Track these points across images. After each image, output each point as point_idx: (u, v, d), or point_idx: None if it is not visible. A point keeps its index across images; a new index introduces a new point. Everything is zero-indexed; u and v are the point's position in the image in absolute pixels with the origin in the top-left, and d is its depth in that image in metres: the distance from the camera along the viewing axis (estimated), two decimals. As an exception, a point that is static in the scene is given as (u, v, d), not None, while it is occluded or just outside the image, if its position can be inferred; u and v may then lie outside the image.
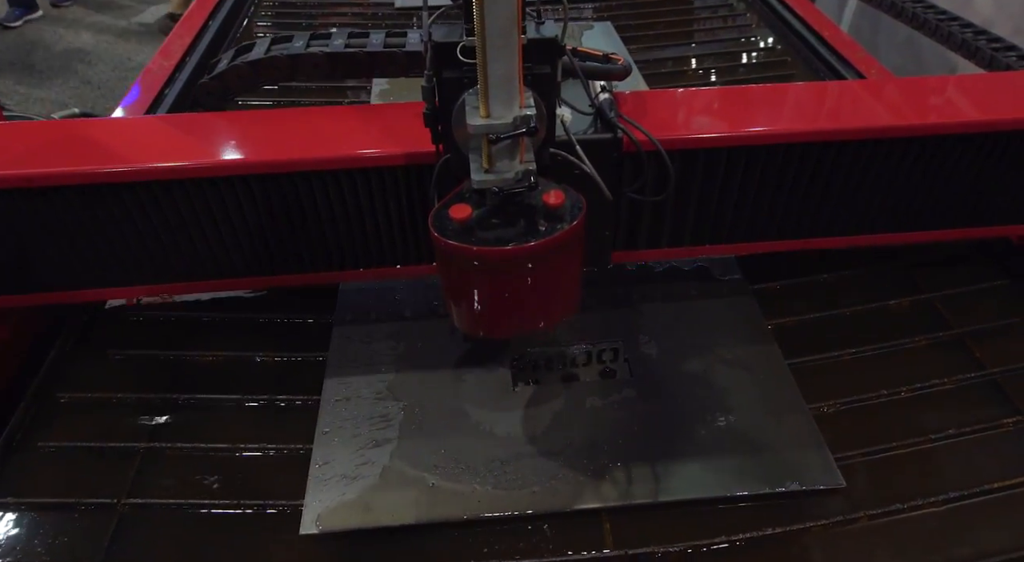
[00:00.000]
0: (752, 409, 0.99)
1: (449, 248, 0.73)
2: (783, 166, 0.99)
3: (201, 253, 0.99)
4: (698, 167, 0.97)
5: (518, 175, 0.72)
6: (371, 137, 0.95)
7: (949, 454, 0.96)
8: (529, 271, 0.75)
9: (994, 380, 1.04)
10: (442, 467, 0.92)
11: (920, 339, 1.10)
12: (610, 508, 0.89)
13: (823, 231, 1.09)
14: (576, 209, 0.75)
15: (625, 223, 1.04)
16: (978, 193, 1.07)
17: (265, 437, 0.96)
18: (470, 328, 0.86)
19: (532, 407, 0.99)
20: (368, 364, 1.04)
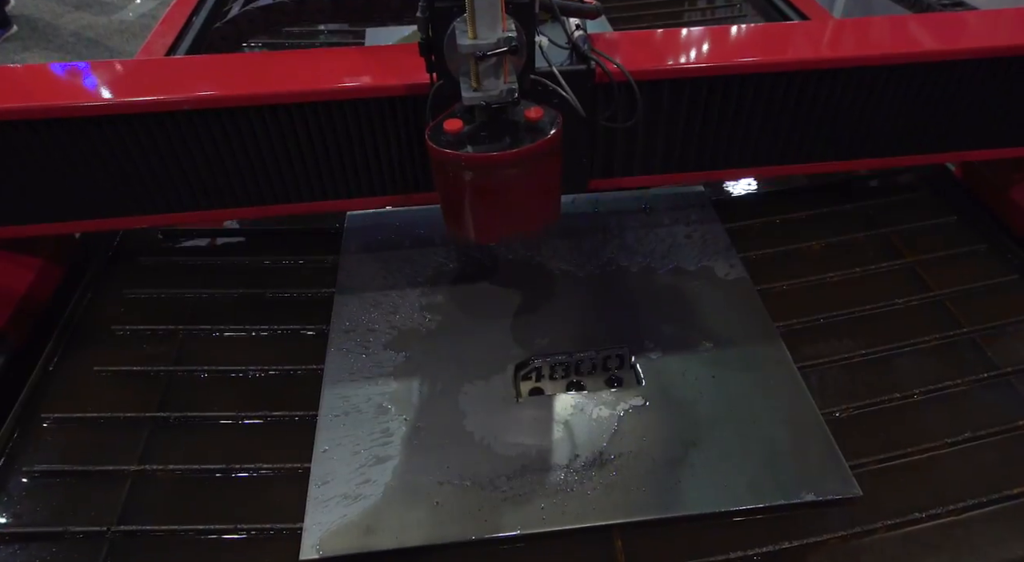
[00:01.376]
0: (764, 417, 0.96)
1: (444, 156, 0.83)
2: (740, 96, 1.07)
3: (218, 181, 1.06)
4: (664, 96, 1.05)
5: (503, 93, 0.82)
6: (374, 72, 1.01)
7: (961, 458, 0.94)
8: (514, 175, 0.85)
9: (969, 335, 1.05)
10: (447, 484, 0.88)
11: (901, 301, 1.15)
12: (621, 524, 0.86)
13: (782, 159, 1.16)
14: (554, 123, 0.85)
15: (601, 152, 1.11)
16: (912, 123, 1.14)
17: (261, 456, 0.93)
18: (463, 233, 0.95)
19: (537, 419, 0.96)
20: (367, 376, 1.00)
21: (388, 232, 1.24)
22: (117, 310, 1.12)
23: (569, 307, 1.11)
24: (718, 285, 1.15)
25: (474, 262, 1.19)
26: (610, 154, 1.11)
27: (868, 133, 1.15)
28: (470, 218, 0.92)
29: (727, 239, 1.23)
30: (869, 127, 1.14)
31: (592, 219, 1.28)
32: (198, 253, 1.23)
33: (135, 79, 1.03)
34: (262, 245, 1.24)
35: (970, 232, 1.27)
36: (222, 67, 1.06)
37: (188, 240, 1.25)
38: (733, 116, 1.09)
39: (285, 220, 1.30)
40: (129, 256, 1.22)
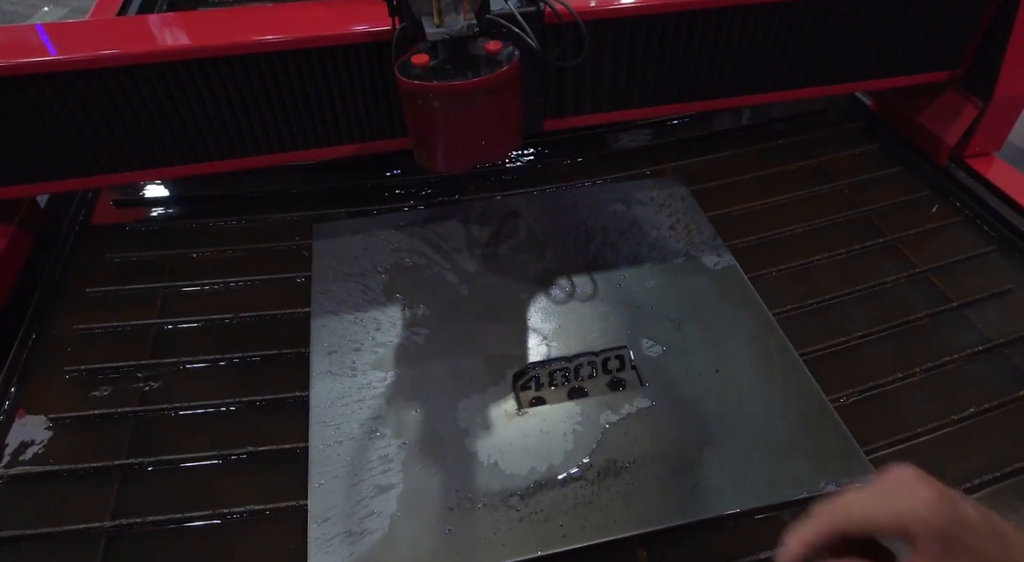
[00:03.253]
0: (774, 410, 0.94)
1: (414, 87, 0.91)
2: (674, 34, 1.16)
3: (190, 135, 1.10)
4: (608, 36, 1.14)
5: (464, 27, 0.91)
6: (337, 22, 1.07)
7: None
8: (479, 103, 0.93)
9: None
10: (457, 509, 0.84)
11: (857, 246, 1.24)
12: (644, 534, 0.83)
13: (716, 93, 1.27)
14: (512, 55, 0.94)
15: (552, 92, 1.19)
16: (827, 54, 1.27)
17: (252, 497, 0.86)
18: (432, 162, 1.02)
19: (543, 431, 0.92)
20: (357, 400, 0.94)
21: (359, 242, 1.18)
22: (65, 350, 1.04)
23: (560, 310, 1.07)
24: (709, 276, 1.13)
25: (455, 268, 1.14)
26: (561, 95, 1.20)
27: (789, 65, 1.26)
28: (440, 147, 1.00)
29: (712, 228, 1.22)
30: (789, 59, 1.25)
31: (571, 217, 1.25)
32: (154, 278, 1.15)
33: (97, 35, 1.05)
34: (227, 264, 1.17)
35: (889, 157, 1.43)
36: (186, 22, 1.10)
37: (142, 271, 1.16)
38: (670, 54, 1.19)
39: (250, 235, 1.23)
40: (78, 284, 1.14)
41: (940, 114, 1.37)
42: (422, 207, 1.29)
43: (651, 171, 1.40)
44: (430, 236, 1.20)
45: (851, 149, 1.47)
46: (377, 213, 1.27)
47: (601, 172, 1.39)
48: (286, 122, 1.11)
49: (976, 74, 1.30)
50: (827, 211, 1.30)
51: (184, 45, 1.02)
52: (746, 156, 1.45)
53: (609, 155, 1.47)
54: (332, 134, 1.15)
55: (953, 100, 1.35)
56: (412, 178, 1.37)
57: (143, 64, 1.00)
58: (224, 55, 1.02)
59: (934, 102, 1.38)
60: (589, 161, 1.44)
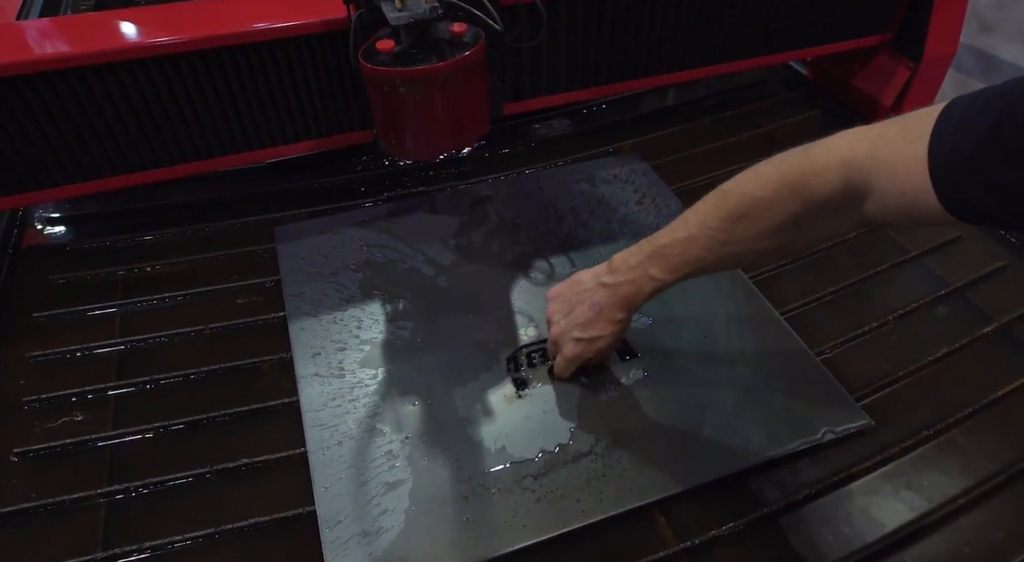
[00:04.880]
0: (765, 368, 0.97)
1: (381, 73, 0.91)
2: (625, 11, 1.21)
3: (133, 142, 1.07)
4: (561, 16, 1.17)
5: (427, 10, 0.90)
6: (285, 12, 1.06)
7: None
8: (448, 87, 0.94)
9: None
10: (472, 497, 0.83)
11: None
12: (660, 500, 0.84)
13: (668, 68, 1.33)
14: (477, 36, 0.95)
15: (510, 75, 1.22)
16: (767, 24, 1.34)
17: (254, 509, 0.83)
18: (400, 150, 1.04)
19: (545, 410, 0.92)
20: (350, 400, 0.92)
21: (325, 241, 1.16)
22: (18, 382, 0.98)
23: (543, 292, 1.07)
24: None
25: (429, 260, 1.13)
26: (519, 77, 1.23)
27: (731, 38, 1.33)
28: (408, 134, 1.01)
29: (678, 201, 1.25)
30: (731, 32, 1.32)
31: (539, 199, 1.26)
32: (108, 297, 1.09)
33: (12, 39, 1.02)
34: (188, 275, 1.13)
35: (831, 122, 1.51)
36: (119, 20, 1.06)
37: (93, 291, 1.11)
38: (622, 31, 1.23)
39: (208, 243, 1.20)
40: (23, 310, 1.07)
41: (875, 77, 1.45)
42: (385, 202, 1.27)
43: (611, 149, 1.43)
44: (398, 230, 1.19)
45: (796, 116, 1.53)
46: (339, 211, 1.25)
47: (561, 154, 1.41)
48: (238, 122, 1.09)
49: (905, 36, 1.39)
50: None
51: (121, 45, 0.99)
52: (698, 129, 1.50)
53: (568, 136, 1.49)
54: (288, 131, 1.13)
55: (886, 63, 1.43)
56: (372, 173, 1.36)
57: (76, 67, 0.96)
58: (166, 54, 0.99)
59: (868, 66, 1.46)
60: (549, 143, 1.47)
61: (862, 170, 0.65)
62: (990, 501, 0.86)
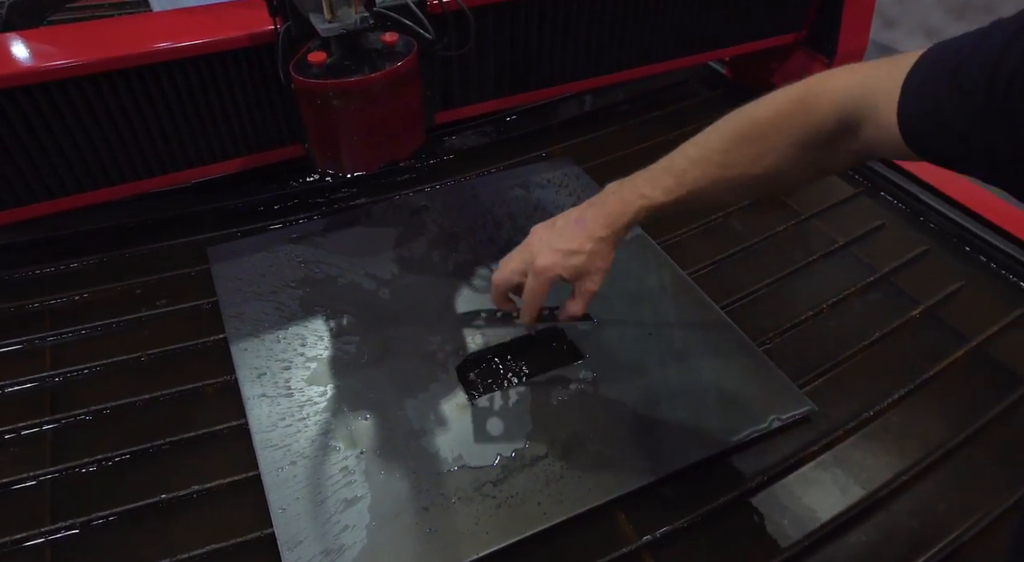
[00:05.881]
0: (710, 361, 1.01)
1: (313, 86, 0.92)
2: (553, 16, 1.25)
3: (53, 167, 1.06)
4: (488, 23, 1.20)
5: (358, 21, 0.91)
6: (207, 28, 1.05)
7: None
8: (383, 98, 0.95)
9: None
10: (433, 507, 0.84)
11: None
12: (619, 497, 0.86)
13: (596, 71, 1.38)
14: (409, 46, 0.97)
15: (439, 83, 1.24)
16: (691, 24, 1.40)
17: (210, 536, 0.82)
18: (335, 164, 1.04)
19: (499, 416, 0.94)
20: (300, 418, 0.92)
21: (261, 259, 1.16)
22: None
23: (485, 298, 1.09)
24: (621, 246, 1.18)
25: (369, 273, 1.14)
26: (448, 85, 1.26)
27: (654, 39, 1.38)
28: (344, 148, 1.01)
29: (611, 202, 1.27)
30: (654, 34, 1.37)
31: (475, 207, 1.28)
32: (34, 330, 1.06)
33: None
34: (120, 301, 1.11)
35: None
36: (41, 40, 1.05)
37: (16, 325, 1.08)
38: (550, 36, 1.27)
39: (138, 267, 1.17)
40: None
41: (792, 74, 1.50)
42: (319, 217, 1.27)
43: (543, 154, 1.46)
44: (336, 245, 1.19)
45: (718, 115, 1.54)
46: (273, 229, 1.25)
47: (494, 160, 1.44)
48: (164, 142, 1.08)
49: (819, 34, 1.46)
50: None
51: (36, 67, 0.97)
52: (626, 130, 1.54)
53: (500, 143, 1.52)
54: (216, 150, 1.13)
55: (801, 60, 1.51)
56: (305, 188, 1.35)
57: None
58: (84, 74, 0.98)
59: (785, 64, 1.54)
60: (481, 151, 1.49)
61: (854, 100, 0.68)
62: (931, 475, 0.91)
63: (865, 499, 0.88)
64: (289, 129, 1.16)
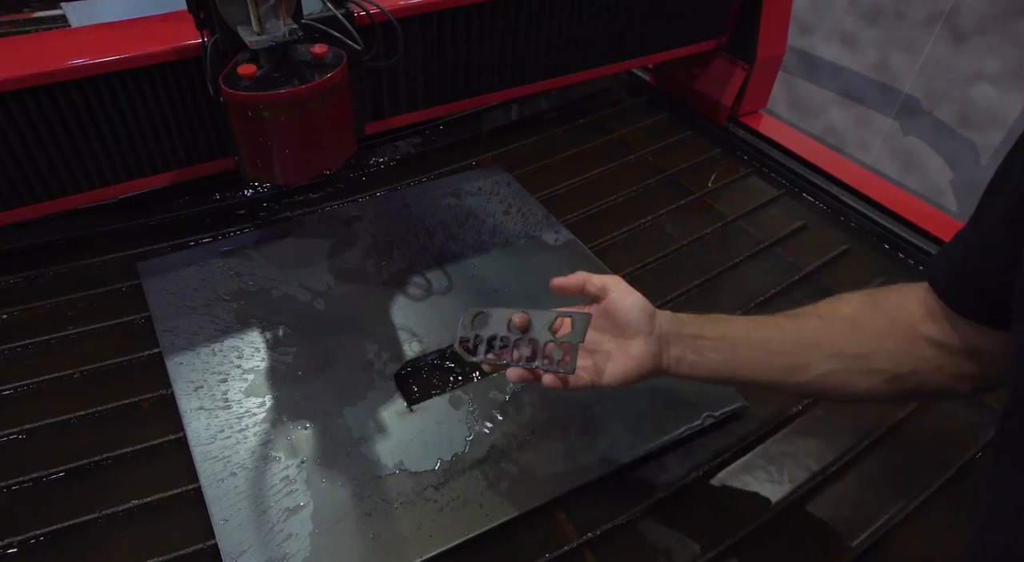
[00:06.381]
0: (643, 359, 1.06)
1: (244, 98, 0.92)
2: (478, 25, 1.27)
3: None
4: (415, 33, 1.22)
5: (286, 32, 0.93)
6: (131, 42, 1.05)
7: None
8: (314, 109, 0.97)
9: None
10: (375, 513, 0.87)
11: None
12: (559, 497, 0.90)
13: (523, 79, 1.41)
14: (338, 56, 0.99)
15: (368, 95, 1.25)
16: (613, 32, 1.44)
17: (151, 551, 0.83)
18: (267, 176, 1.04)
19: (438, 422, 0.97)
20: (239, 429, 0.94)
21: (194, 273, 1.17)
22: None
23: (422, 306, 1.13)
24: (553, 252, 1.24)
25: (304, 284, 1.16)
26: (378, 96, 1.26)
27: (580, 47, 1.42)
28: (276, 160, 1.01)
29: (543, 208, 1.33)
30: (580, 42, 1.41)
31: (407, 216, 1.31)
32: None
33: None
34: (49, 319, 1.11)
35: (678, 124, 1.65)
36: None
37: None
38: (476, 45, 1.29)
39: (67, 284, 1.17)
40: None
41: (714, 80, 1.58)
42: (251, 229, 1.28)
43: (473, 162, 1.50)
44: (268, 256, 1.21)
45: (644, 121, 1.66)
46: (204, 242, 1.26)
47: (425, 170, 1.47)
48: (91, 157, 1.08)
49: (739, 40, 1.53)
50: (639, 178, 1.47)
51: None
52: (554, 138, 1.60)
53: (430, 152, 1.55)
54: (145, 164, 1.13)
55: (723, 66, 1.57)
56: (235, 201, 1.36)
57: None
58: (9, 90, 0.97)
59: (707, 70, 1.60)
60: (412, 160, 1.52)
61: None
62: (859, 465, 0.97)
63: (797, 489, 0.93)
64: (219, 142, 1.16)
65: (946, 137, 1.96)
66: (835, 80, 2.22)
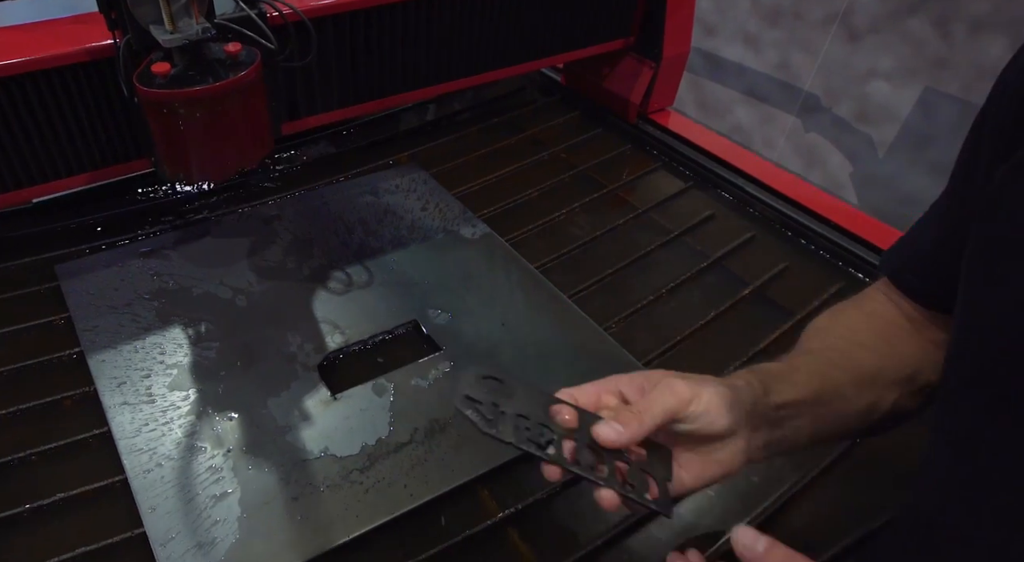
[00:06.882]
0: (562, 347, 1.12)
1: (159, 97, 0.95)
2: (391, 25, 1.31)
3: None
4: (328, 33, 1.26)
5: (199, 31, 0.95)
6: (41, 44, 1.06)
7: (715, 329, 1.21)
8: (229, 106, 0.99)
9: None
10: (302, 497, 0.91)
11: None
12: (481, 476, 0.96)
13: (432, 80, 1.45)
14: (252, 55, 1.01)
15: (283, 95, 1.27)
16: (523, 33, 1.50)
17: (80, 539, 0.86)
18: (185, 174, 1.07)
19: (362, 409, 1.01)
20: (164, 422, 0.97)
21: (113, 274, 1.19)
22: None
23: (344, 300, 1.18)
24: (471, 245, 1.30)
25: (224, 282, 1.19)
26: (293, 96, 1.29)
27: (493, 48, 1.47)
28: (193, 158, 1.03)
29: (460, 204, 1.39)
30: (492, 42, 1.46)
31: (326, 215, 1.36)
32: None
33: None
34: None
35: (589, 122, 1.74)
36: None
37: None
38: (389, 44, 1.33)
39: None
40: None
41: (623, 78, 1.67)
42: (169, 230, 1.31)
43: (390, 162, 1.55)
44: (188, 256, 1.24)
45: (556, 119, 1.75)
46: (121, 245, 1.28)
47: (342, 169, 1.52)
48: (4, 159, 1.09)
49: (646, 40, 1.62)
50: (553, 174, 1.54)
51: None
52: (469, 137, 1.66)
53: (347, 152, 1.60)
54: (60, 166, 1.14)
55: (631, 65, 1.65)
56: (152, 203, 1.39)
57: None
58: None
59: (616, 69, 1.68)
60: (329, 160, 1.57)
61: None
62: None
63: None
64: (135, 143, 1.18)
65: (845, 132, 2.09)
66: (740, 80, 2.34)
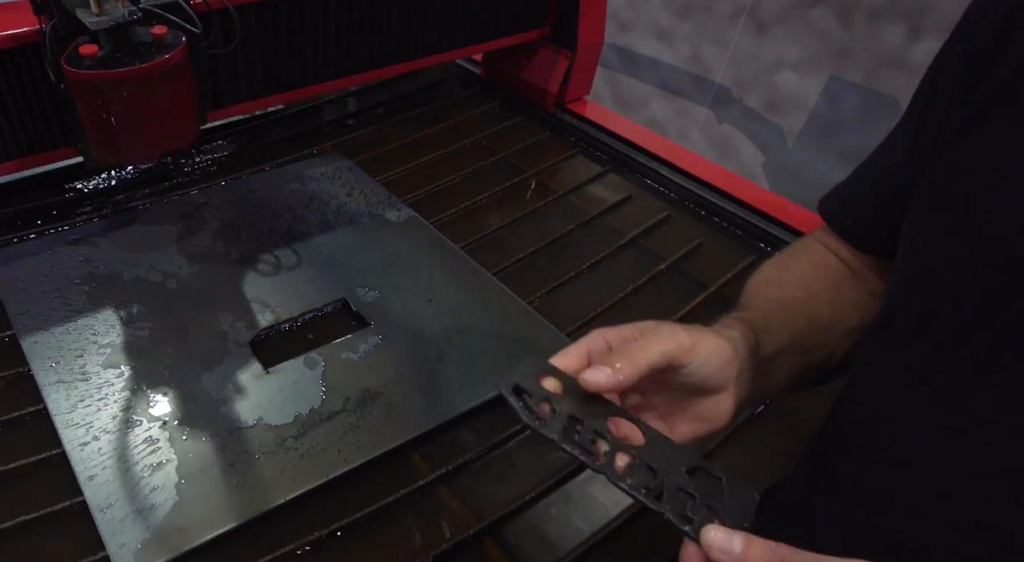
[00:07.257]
0: (486, 319, 1.19)
1: (87, 77, 0.98)
2: (311, 14, 1.36)
3: None
4: (251, 21, 1.29)
5: (126, 13, 0.99)
6: None
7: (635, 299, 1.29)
8: (157, 87, 1.03)
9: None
10: (238, 463, 0.96)
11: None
12: (412, 440, 1.02)
13: (361, 68, 1.51)
14: (179, 38, 1.05)
15: (210, 85, 1.31)
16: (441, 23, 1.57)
17: (18, 510, 0.89)
18: (114, 155, 1.10)
19: (295, 381, 1.06)
20: (99, 398, 1.01)
21: (43, 261, 1.22)
22: None
23: (273, 281, 1.23)
24: (396, 228, 1.36)
25: (154, 266, 1.23)
26: (217, 84, 1.32)
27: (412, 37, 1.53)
28: (121, 139, 1.06)
29: (384, 190, 1.45)
30: (412, 31, 1.52)
31: (253, 202, 1.40)
32: None
33: None
34: None
35: (508, 112, 1.82)
36: None
37: None
38: (311, 33, 1.38)
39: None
40: None
41: (540, 69, 1.75)
42: (97, 219, 1.34)
43: (314, 151, 1.60)
44: (117, 243, 1.27)
45: (476, 109, 1.82)
46: (49, 234, 1.30)
47: (267, 159, 1.56)
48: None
49: (561, 30, 1.70)
50: (474, 161, 1.61)
51: None
52: (390, 128, 1.72)
53: (272, 143, 1.64)
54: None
55: (548, 55, 1.73)
56: (80, 193, 1.41)
57: None
58: None
59: (533, 60, 1.76)
60: (254, 150, 1.61)
61: None
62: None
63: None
64: (61, 131, 1.21)
65: (756, 123, 2.21)
66: (654, 74, 2.44)
